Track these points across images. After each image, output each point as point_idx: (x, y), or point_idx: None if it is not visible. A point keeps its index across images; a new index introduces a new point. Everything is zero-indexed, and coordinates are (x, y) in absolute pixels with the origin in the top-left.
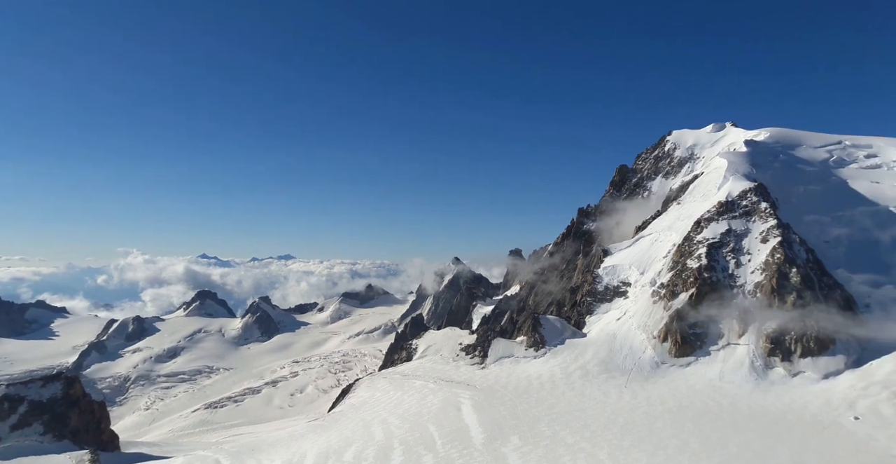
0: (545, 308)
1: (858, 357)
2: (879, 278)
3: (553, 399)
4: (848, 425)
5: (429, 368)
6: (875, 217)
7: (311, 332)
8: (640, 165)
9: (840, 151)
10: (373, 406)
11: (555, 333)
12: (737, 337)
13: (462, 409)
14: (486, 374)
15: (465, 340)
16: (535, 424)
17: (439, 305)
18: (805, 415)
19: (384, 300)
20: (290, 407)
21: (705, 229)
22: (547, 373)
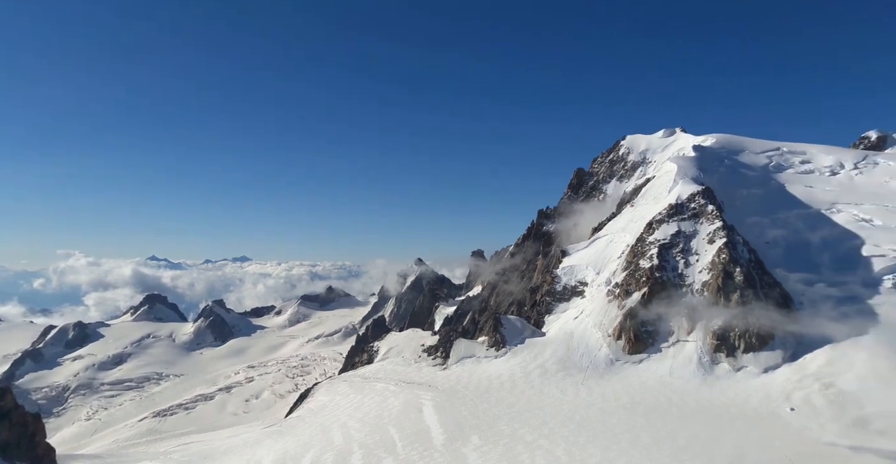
0: (506, 308)
1: (794, 352)
2: (812, 277)
3: (513, 398)
4: (784, 415)
5: (390, 370)
6: (807, 219)
7: (268, 336)
8: (596, 168)
9: (778, 157)
10: (332, 410)
11: (515, 332)
12: (686, 334)
13: (423, 410)
14: (448, 374)
15: (428, 341)
16: (495, 423)
17: (402, 307)
18: (747, 407)
19: (345, 302)
20: (245, 413)
21: (657, 231)
22: (507, 372)
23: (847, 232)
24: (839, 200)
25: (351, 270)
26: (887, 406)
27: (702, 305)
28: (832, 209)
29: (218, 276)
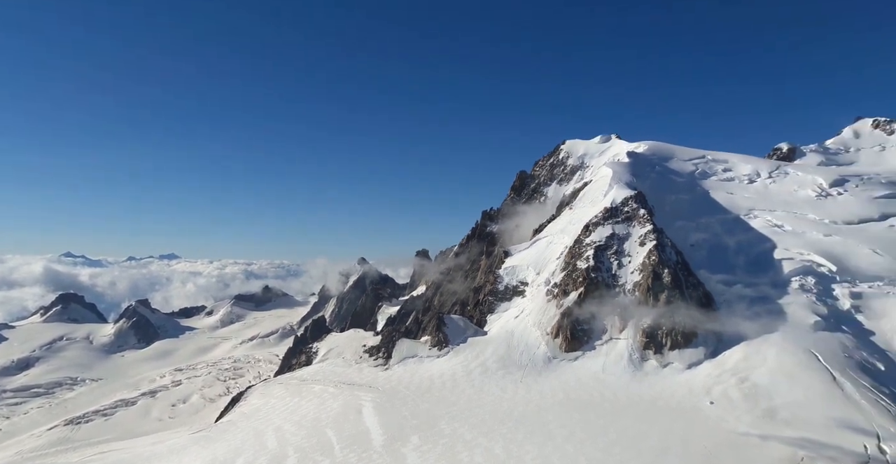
0: (450, 308)
1: (715, 349)
2: (731, 278)
3: (454, 397)
4: (705, 408)
5: (330, 371)
6: (725, 224)
7: (198, 337)
8: (537, 171)
9: (703, 165)
10: (266, 414)
11: (458, 332)
12: (618, 332)
13: (363, 412)
14: (390, 375)
15: (370, 341)
16: (435, 422)
17: (343, 307)
18: (672, 402)
19: (283, 302)
20: (170, 419)
21: (593, 233)
22: (449, 371)
23: (762, 236)
24: (756, 207)
25: (290, 269)
26: (792, 398)
27: (633, 304)
28: (750, 215)
29: (143, 274)
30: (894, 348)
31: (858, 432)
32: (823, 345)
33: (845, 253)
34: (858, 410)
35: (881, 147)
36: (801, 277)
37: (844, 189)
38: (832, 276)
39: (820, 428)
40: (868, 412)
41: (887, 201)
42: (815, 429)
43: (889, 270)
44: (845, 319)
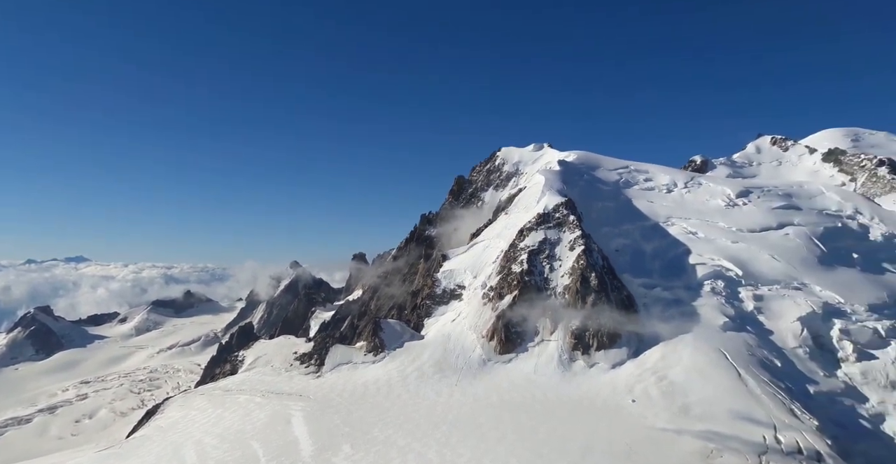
0: (387, 312)
1: (637, 349)
2: (651, 282)
3: (388, 403)
4: (627, 406)
5: (257, 380)
6: (645, 231)
7: (109, 347)
8: (475, 176)
9: (627, 174)
10: (185, 427)
11: (395, 336)
12: (549, 334)
13: (292, 421)
14: (322, 383)
15: (301, 348)
16: (369, 429)
17: (273, 313)
18: (597, 400)
19: (206, 308)
20: (73, 437)
21: (527, 238)
22: (385, 377)
23: (678, 242)
24: (673, 215)
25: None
26: (704, 394)
27: (563, 306)
28: (668, 222)
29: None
30: (789, 346)
31: (759, 424)
32: (730, 344)
33: (749, 258)
34: (759, 404)
35: (778, 162)
36: (712, 281)
37: (748, 200)
38: (738, 279)
39: (727, 421)
40: (767, 406)
41: (783, 211)
42: (723, 422)
43: (785, 274)
44: (749, 319)
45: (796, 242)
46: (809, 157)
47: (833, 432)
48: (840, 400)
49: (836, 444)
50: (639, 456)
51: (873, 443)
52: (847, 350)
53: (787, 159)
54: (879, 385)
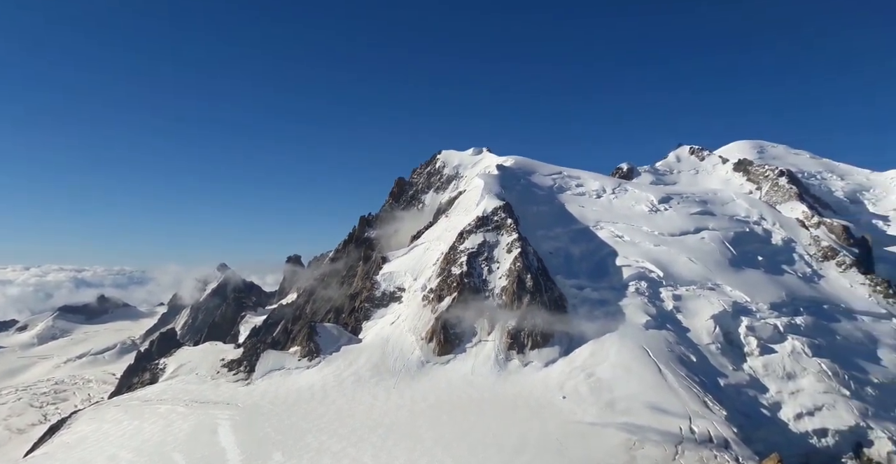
0: (323, 316)
1: (568, 347)
2: (581, 283)
3: (323, 408)
4: (558, 402)
5: (180, 389)
6: (577, 234)
7: (5, 357)
8: (415, 178)
9: (560, 180)
10: (97, 442)
11: (331, 340)
12: (487, 334)
13: (219, 431)
14: (252, 390)
15: (230, 354)
16: (302, 436)
17: (199, 318)
18: (531, 398)
19: (123, 314)
20: None
21: (466, 240)
22: (320, 382)
23: (606, 245)
24: (602, 219)
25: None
26: (628, 389)
27: (500, 307)
28: (597, 226)
29: None
30: (703, 343)
31: (676, 415)
32: (652, 341)
33: (669, 261)
34: (676, 397)
35: (695, 171)
36: (637, 282)
37: (669, 206)
38: (660, 280)
39: (648, 414)
40: (683, 398)
41: (700, 217)
42: (645, 415)
43: (700, 275)
44: (669, 318)
45: (711, 246)
46: (722, 166)
47: (739, 421)
48: (745, 391)
49: (741, 431)
50: (568, 450)
51: (771, 429)
52: (752, 345)
53: (703, 168)
54: (778, 377)
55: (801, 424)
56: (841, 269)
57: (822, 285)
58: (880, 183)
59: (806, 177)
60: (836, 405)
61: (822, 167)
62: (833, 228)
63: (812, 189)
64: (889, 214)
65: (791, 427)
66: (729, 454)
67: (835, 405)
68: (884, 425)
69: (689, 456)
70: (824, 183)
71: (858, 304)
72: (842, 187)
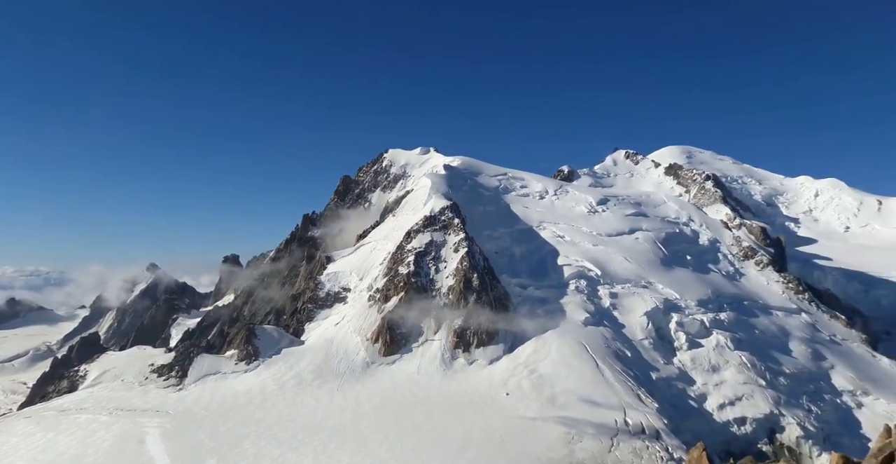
0: (263, 317)
1: (512, 344)
2: (525, 282)
3: (262, 413)
4: (501, 399)
5: (103, 397)
6: (521, 234)
7: None
8: (361, 177)
9: (506, 181)
10: (4, 457)
11: (271, 343)
12: (433, 334)
13: (147, 440)
14: (184, 396)
15: (160, 359)
16: (238, 443)
17: (125, 321)
18: (475, 396)
19: (37, 318)
20: None
21: (414, 240)
22: (258, 386)
23: (549, 245)
24: (545, 220)
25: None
26: (568, 384)
27: (447, 307)
28: (540, 226)
29: None
30: (637, 338)
31: (612, 408)
32: (590, 337)
33: (606, 260)
34: (612, 390)
35: (630, 174)
36: (576, 280)
37: (606, 207)
38: (598, 279)
39: (586, 408)
40: (619, 392)
41: (634, 218)
42: (583, 409)
43: (635, 274)
44: (606, 315)
45: (644, 246)
46: (654, 170)
47: (669, 413)
48: (675, 384)
49: (671, 422)
50: (510, 445)
51: (697, 419)
52: (681, 340)
53: (637, 172)
54: (704, 369)
55: (723, 413)
56: (759, 267)
57: (742, 283)
58: (792, 188)
59: (729, 181)
60: (754, 395)
61: (743, 172)
62: (752, 229)
63: (734, 192)
64: (799, 217)
65: (715, 417)
66: (660, 445)
67: (752, 395)
68: (793, 412)
69: (623, 448)
70: (745, 187)
71: (773, 300)
72: (759, 191)
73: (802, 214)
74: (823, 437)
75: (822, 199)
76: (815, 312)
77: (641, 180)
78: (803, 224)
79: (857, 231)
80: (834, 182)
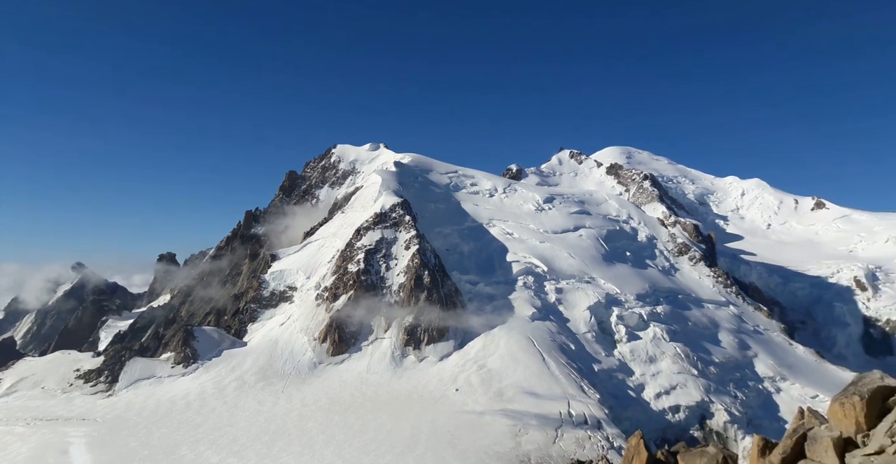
0: (202, 318)
1: (462, 340)
2: (475, 278)
3: (201, 418)
4: (451, 395)
5: (19, 407)
6: (472, 231)
7: None
8: (308, 172)
9: (456, 179)
10: None
11: (211, 345)
12: (383, 332)
13: (71, 451)
14: (115, 402)
15: (87, 364)
16: (174, 449)
17: (46, 324)
18: (425, 392)
19: None
20: None
21: (364, 237)
22: (197, 390)
23: (498, 242)
24: (494, 217)
25: None
26: (515, 378)
27: (397, 304)
28: (490, 224)
29: None
30: (581, 332)
31: (557, 400)
32: (537, 332)
33: (553, 256)
34: (557, 383)
35: (575, 173)
36: (524, 277)
37: (552, 205)
38: (544, 275)
39: (532, 401)
40: (564, 384)
41: (578, 216)
42: (529, 402)
43: (579, 270)
44: (552, 309)
45: (587, 242)
46: (597, 169)
47: (610, 403)
48: (615, 375)
49: (612, 412)
50: (459, 440)
51: (636, 408)
52: (621, 333)
53: (581, 171)
54: (642, 360)
55: (659, 402)
56: (692, 263)
57: (677, 277)
58: (721, 187)
59: (665, 180)
60: (687, 384)
61: (678, 172)
62: (686, 226)
63: (669, 191)
64: (728, 215)
65: (652, 406)
66: (601, 434)
67: (686, 384)
68: (721, 399)
69: (567, 438)
70: (679, 186)
71: (704, 293)
72: (692, 190)
73: (730, 212)
74: (747, 421)
75: (748, 198)
76: (742, 305)
77: (585, 179)
78: (731, 221)
79: (777, 228)
80: (758, 182)
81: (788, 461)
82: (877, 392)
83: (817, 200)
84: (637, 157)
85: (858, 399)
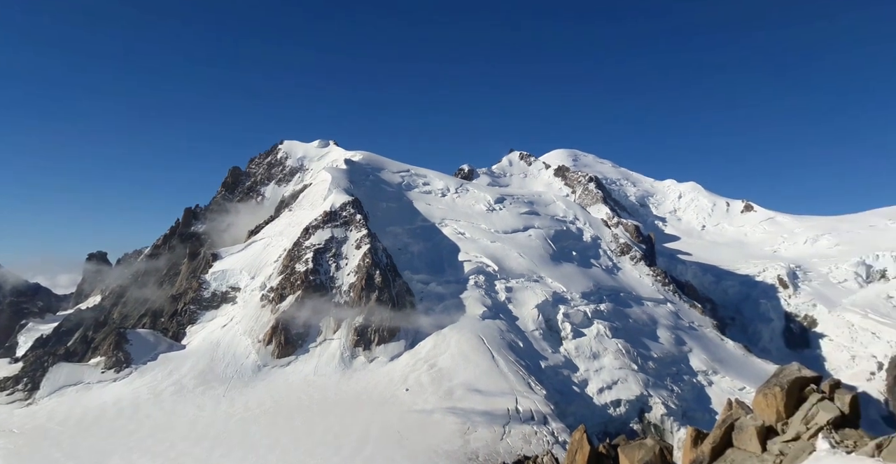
0: (136, 321)
1: (413, 340)
2: (427, 278)
3: (134, 425)
4: (401, 395)
5: None
6: (424, 231)
7: None
8: (253, 169)
9: (408, 178)
10: None
11: (146, 348)
12: (332, 333)
13: None
14: (35, 411)
15: (2, 371)
16: (103, 459)
17: None
18: (375, 393)
19: None
20: None
21: (312, 236)
22: (130, 396)
23: (449, 241)
24: (447, 217)
25: None
26: (466, 376)
27: (347, 305)
28: (442, 223)
29: None
30: (529, 329)
31: (506, 396)
32: (488, 330)
33: (503, 256)
34: (506, 380)
35: (524, 174)
36: (476, 276)
37: (503, 206)
38: (495, 274)
39: (481, 398)
40: (512, 381)
41: (528, 216)
42: (478, 400)
43: (528, 269)
44: (502, 308)
45: (536, 242)
46: (545, 171)
47: (555, 399)
48: (561, 371)
49: (557, 407)
50: (408, 440)
51: (580, 403)
52: (567, 330)
53: (530, 173)
54: (586, 357)
55: (602, 397)
56: (633, 262)
57: (619, 276)
58: (661, 190)
59: (608, 183)
60: (628, 379)
61: (621, 175)
62: (628, 227)
63: (613, 193)
64: (666, 216)
65: (595, 400)
66: (547, 429)
67: (626, 379)
68: (659, 393)
69: (514, 434)
70: (622, 189)
71: (644, 291)
72: (634, 193)
73: (668, 213)
74: (682, 413)
75: (684, 200)
76: (678, 302)
77: (534, 180)
78: (669, 223)
79: (711, 229)
80: (693, 185)
81: (718, 450)
82: (795, 383)
83: (746, 203)
84: (583, 159)
85: (779, 390)
